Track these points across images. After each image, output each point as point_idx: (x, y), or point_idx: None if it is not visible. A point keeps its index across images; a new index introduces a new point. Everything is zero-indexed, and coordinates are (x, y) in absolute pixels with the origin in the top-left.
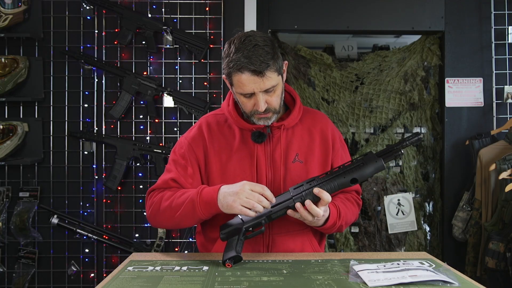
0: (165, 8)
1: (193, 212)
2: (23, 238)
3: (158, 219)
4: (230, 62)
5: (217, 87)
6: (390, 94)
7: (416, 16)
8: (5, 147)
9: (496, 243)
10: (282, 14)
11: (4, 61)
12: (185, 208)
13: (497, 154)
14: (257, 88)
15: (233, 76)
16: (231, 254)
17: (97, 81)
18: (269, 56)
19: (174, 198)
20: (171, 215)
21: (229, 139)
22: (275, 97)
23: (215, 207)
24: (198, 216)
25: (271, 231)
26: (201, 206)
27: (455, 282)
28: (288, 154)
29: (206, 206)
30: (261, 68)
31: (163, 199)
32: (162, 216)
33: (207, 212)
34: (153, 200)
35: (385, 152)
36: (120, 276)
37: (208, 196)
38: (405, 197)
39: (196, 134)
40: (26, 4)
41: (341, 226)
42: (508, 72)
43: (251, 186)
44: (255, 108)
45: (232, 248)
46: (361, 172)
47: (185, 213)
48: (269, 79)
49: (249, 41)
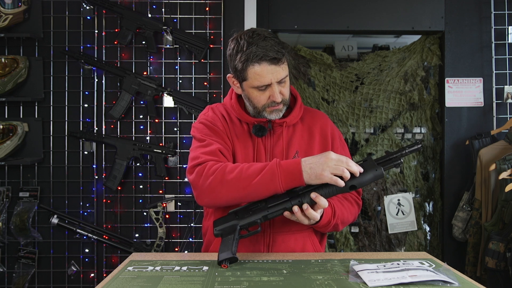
0: (165, 8)
1: (271, 182)
2: (23, 238)
3: (222, 190)
4: (245, 55)
5: (217, 87)
6: (390, 94)
7: (416, 16)
8: (5, 147)
9: (496, 243)
10: (282, 14)
11: (4, 61)
12: (262, 178)
13: (497, 154)
14: (274, 78)
15: (248, 70)
16: (227, 256)
17: (97, 81)
18: (280, 46)
19: (242, 169)
20: (241, 185)
21: (238, 126)
22: (286, 88)
23: (298, 178)
24: (275, 187)
25: (272, 230)
26: (282, 177)
27: (455, 282)
28: (289, 151)
29: (289, 176)
30: (279, 55)
31: (226, 171)
32: (228, 187)
33: (287, 184)
34: (210, 171)
35: (384, 159)
36: (120, 276)
37: (291, 166)
38: (405, 197)
39: (209, 117)
40: (26, 4)
41: (336, 225)
42: (508, 72)
43: (336, 155)
44: (270, 100)
45: (228, 249)
46: (360, 179)
47: (261, 183)
48: (284, 68)
49: (257, 35)
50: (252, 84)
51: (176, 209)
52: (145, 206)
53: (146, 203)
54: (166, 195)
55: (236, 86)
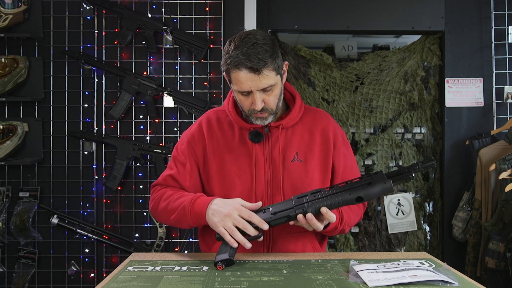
0: (165, 8)
1: (185, 219)
2: (23, 238)
3: (157, 216)
4: (228, 59)
5: (217, 87)
6: (390, 94)
7: (416, 16)
8: (5, 147)
9: (496, 243)
10: (282, 14)
11: (4, 61)
12: (178, 214)
13: (497, 154)
14: (254, 86)
15: (231, 73)
16: (224, 257)
17: (97, 81)
18: (267, 54)
19: (171, 200)
20: (166, 217)
21: (229, 137)
22: (272, 97)
23: (203, 219)
24: (188, 224)
25: (272, 232)
26: (191, 216)
27: (455, 282)
28: (287, 153)
29: (196, 217)
30: (258, 66)
31: (162, 198)
32: (160, 215)
33: (197, 222)
34: (154, 196)
35: (395, 174)
36: (120, 276)
37: (199, 208)
38: (405, 197)
39: (195, 132)
40: (26, 4)
41: (343, 229)
42: (508, 72)
43: (239, 211)
44: (252, 107)
45: (226, 251)
46: (368, 191)
47: (178, 218)
48: (266, 77)
49: (249, 39)
50: (235, 88)
51: None
52: (145, 206)
53: (146, 203)
54: None
55: (230, 85)
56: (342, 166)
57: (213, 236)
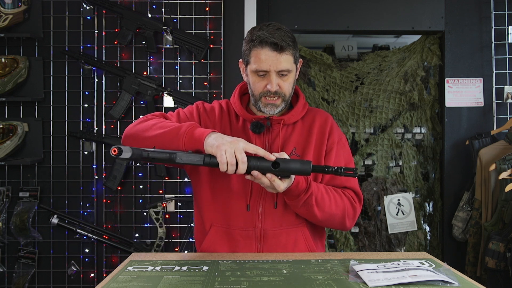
0: (165, 8)
1: (173, 138)
2: (23, 238)
3: (131, 134)
4: (253, 37)
5: (217, 87)
6: (390, 94)
7: (416, 16)
8: (5, 147)
9: (496, 243)
10: (282, 14)
11: (4, 61)
12: (166, 132)
13: (497, 154)
14: (273, 66)
15: (252, 51)
16: (128, 152)
17: (97, 81)
18: (290, 39)
19: (163, 122)
20: (145, 132)
21: (234, 125)
22: (287, 83)
23: (198, 143)
24: (174, 143)
25: (263, 225)
26: (185, 137)
27: (455, 282)
28: (286, 147)
29: (191, 139)
30: (282, 44)
31: (149, 118)
32: (136, 131)
33: (187, 144)
34: (143, 118)
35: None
36: (120, 276)
37: (199, 132)
38: (405, 197)
39: (209, 108)
40: (26, 4)
41: (309, 204)
42: (508, 72)
43: (245, 145)
44: (266, 88)
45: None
46: (286, 162)
47: (163, 135)
48: (285, 60)
49: (273, 25)
50: (252, 68)
51: (176, 209)
52: (145, 206)
53: (146, 203)
54: (166, 195)
55: (243, 72)
56: (332, 164)
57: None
